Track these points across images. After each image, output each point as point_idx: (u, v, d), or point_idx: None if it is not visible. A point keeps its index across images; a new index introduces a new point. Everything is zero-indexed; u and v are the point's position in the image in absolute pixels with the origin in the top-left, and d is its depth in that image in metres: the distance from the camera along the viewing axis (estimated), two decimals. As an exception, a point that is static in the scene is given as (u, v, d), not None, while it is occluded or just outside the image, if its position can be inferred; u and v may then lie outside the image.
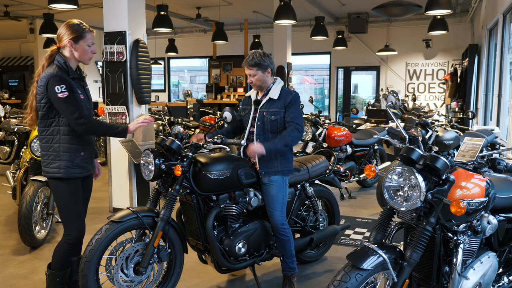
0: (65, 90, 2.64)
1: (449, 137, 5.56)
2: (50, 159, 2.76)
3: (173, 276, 2.99)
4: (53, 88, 2.64)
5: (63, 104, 2.65)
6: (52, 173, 2.76)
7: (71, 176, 2.77)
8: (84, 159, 2.82)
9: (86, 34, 2.77)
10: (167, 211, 2.82)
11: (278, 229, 3.10)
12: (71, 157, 2.75)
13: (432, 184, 2.20)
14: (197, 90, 18.18)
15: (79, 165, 2.79)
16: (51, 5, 6.93)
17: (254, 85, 3.14)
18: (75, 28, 2.75)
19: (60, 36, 2.77)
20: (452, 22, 11.41)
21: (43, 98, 2.70)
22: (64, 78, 2.68)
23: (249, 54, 3.13)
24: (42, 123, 2.77)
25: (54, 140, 2.75)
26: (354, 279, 2.09)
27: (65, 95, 2.64)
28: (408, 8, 6.66)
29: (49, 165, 2.77)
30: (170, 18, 9.26)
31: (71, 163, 2.76)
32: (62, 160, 2.74)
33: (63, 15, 11.93)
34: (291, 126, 3.03)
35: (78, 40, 2.75)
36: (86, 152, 2.84)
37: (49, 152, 2.76)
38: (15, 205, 5.03)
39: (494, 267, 2.45)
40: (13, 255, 3.96)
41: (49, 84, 2.65)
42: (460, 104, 10.03)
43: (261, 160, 3.07)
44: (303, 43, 13.19)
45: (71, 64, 2.78)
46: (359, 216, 5.21)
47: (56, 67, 2.70)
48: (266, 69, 3.09)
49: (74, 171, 2.77)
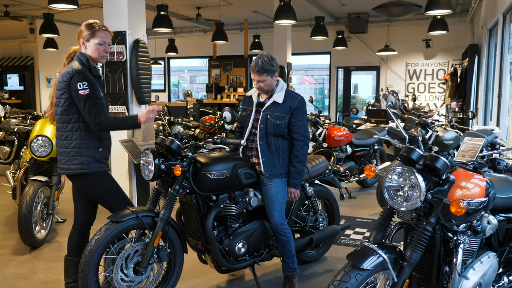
0: (86, 87, 2.69)
1: (449, 137, 5.56)
2: (71, 155, 2.80)
3: (173, 276, 2.99)
4: (75, 84, 2.69)
5: (83, 101, 2.70)
6: (75, 169, 2.80)
7: (94, 171, 2.83)
8: (102, 154, 2.88)
9: (97, 32, 2.83)
10: (167, 211, 2.82)
11: (278, 229, 3.10)
12: (91, 152, 2.81)
13: (432, 184, 2.20)
14: (197, 90, 18.18)
15: (100, 160, 2.86)
16: (51, 5, 6.93)
17: (262, 90, 3.09)
18: (88, 27, 2.83)
19: (78, 36, 2.87)
20: (452, 22, 11.41)
21: (63, 93, 2.75)
22: (87, 75, 2.74)
23: (256, 60, 3.03)
24: (61, 119, 2.81)
25: (74, 136, 2.79)
26: (354, 279, 2.08)
27: (86, 93, 2.69)
28: (408, 8, 6.66)
29: (69, 162, 2.80)
30: (170, 18, 9.26)
31: (92, 158, 2.81)
32: (84, 155, 2.79)
33: (63, 15, 11.94)
34: (300, 143, 3.06)
35: (89, 38, 2.82)
36: (104, 148, 2.90)
37: (69, 148, 2.80)
38: (15, 205, 5.03)
39: (494, 267, 2.45)
40: (13, 255, 3.96)
41: (72, 79, 2.70)
42: (460, 104, 10.04)
43: (265, 164, 3.07)
44: (303, 43, 13.18)
45: (92, 62, 2.86)
46: (359, 216, 5.21)
47: (79, 64, 2.77)
48: (275, 73, 3.06)
49: (96, 165, 2.83)
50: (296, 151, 3.07)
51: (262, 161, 3.06)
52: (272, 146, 3.06)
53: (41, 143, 4.24)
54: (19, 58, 13.88)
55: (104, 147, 2.89)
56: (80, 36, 2.85)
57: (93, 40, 2.82)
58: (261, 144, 3.06)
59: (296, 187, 3.12)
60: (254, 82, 3.09)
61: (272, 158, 3.07)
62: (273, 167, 3.07)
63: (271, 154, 3.07)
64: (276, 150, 3.07)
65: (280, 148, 3.08)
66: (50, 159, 4.35)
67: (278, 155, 3.08)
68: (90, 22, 2.86)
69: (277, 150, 3.07)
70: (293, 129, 3.05)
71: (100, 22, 2.89)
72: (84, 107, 2.70)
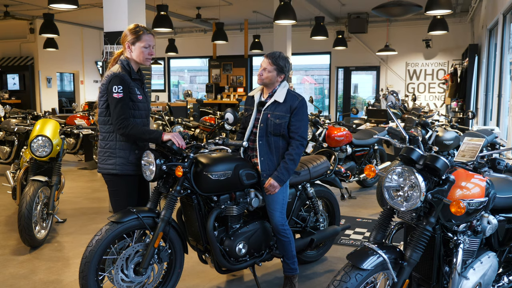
0: (121, 91, 2.77)
1: (449, 137, 5.56)
2: (106, 155, 2.88)
3: (173, 276, 2.99)
4: (111, 87, 2.78)
5: (114, 104, 2.77)
6: (108, 169, 2.88)
7: (126, 173, 2.88)
8: (138, 157, 2.92)
9: (142, 36, 2.90)
10: (168, 212, 2.82)
11: (278, 230, 3.10)
12: (126, 154, 2.87)
13: (432, 184, 2.21)
14: (197, 90, 18.19)
15: (134, 162, 2.90)
16: (51, 5, 6.93)
17: (261, 79, 3.09)
18: (132, 31, 2.90)
19: (122, 40, 2.94)
20: (452, 22, 11.42)
21: (103, 96, 2.85)
22: (124, 79, 2.81)
23: (275, 51, 3.10)
24: (101, 120, 2.90)
25: (111, 137, 2.87)
26: (354, 279, 2.09)
27: (119, 96, 2.77)
28: (408, 8, 6.67)
29: (104, 161, 2.89)
30: (170, 18, 9.26)
31: (126, 160, 2.87)
32: (117, 157, 2.87)
33: (63, 15, 11.94)
34: (296, 142, 3.03)
35: (134, 42, 2.89)
36: (140, 150, 2.93)
37: (105, 148, 2.89)
38: (15, 205, 5.03)
39: (494, 267, 2.46)
40: (13, 255, 3.96)
41: (111, 82, 2.79)
42: (460, 104, 10.04)
43: (263, 163, 3.06)
44: (303, 43, 13.19)
45: (133, 65, 2.93)
46: (359, 216, 5.21)
47: (120, 67, 2.86)
48: (282, 73, 3.07)
49: (128, 168, 2.89)
50: (291, 149, 3.05)
51: (261, 161, 3.05)
52: (272, 145, 3.06)
53: (41, 143, 4.25)
54: (19, 58, 13.88)
55: (140, 149, 2.94)
56: (124, 40, 2.91)
57: (138, 44, 2.89)
58: (261, 143, 3.06)
59: (279, 182, 3.00)
60: (260, 69, 3.10)
61: (272, 158, 3.06)
62: (272, 167, 3.06)
63: (271, 153, 3.06)
64: (276, 149, 3.07)
65: (281, 148, 3.07)
66: (50, 159, 4.35)
67: (278, 155, 3.07)
68: (134, 26, 2.92)
69: (277, 150, 3.07)
70: (291, 129, 3.04)
71: (143, 25, 2.95)
72: (114, 110, 2.78)
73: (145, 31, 2.92)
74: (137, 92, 2.89)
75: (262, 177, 3.07)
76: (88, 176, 7.42)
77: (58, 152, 4.39)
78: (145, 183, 3.09)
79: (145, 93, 3.03)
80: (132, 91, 2.85)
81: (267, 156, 3.06)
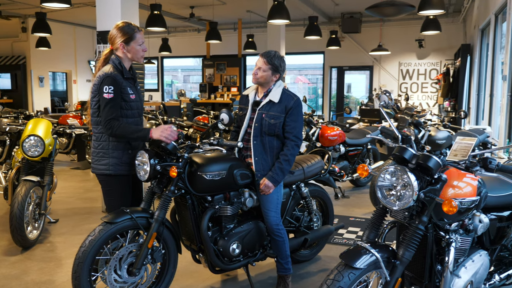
0: (111, 92, 2.76)
1: (442, 136, 5.59)
2: (99, 156, 2.88)
3: (166, 276, 2.98)
4: (102, 87, 2.77)
5: (104, 104, 2.77)
6: (102, 169, 2.88)
7: (120, 173, 2.88)
8: (132, 157, 2.90)
9: (136, 34, 2.89)
10: (162, 212, 2.81)
11: (273, 230, 3.10)
12: (119, 154, 2.87)
13: (425, 183, 2.22)
14: (190, 89, 18.15)
15: (127, 162, 2.89)
16: (44, 4, 6.88)
17: (256, 78, 3.08)
18: (125, 30, 2.88)
19: (112, 39, 2.90)
20: (445, 22, 11.49)
21: (95, 96, 2.83)
22: (116, 79, 2.79)
23: (271, 50, 3.09)
24: (93, 120, 2.89)
25: (104, 138, 2.86)
26: (347, 278, 2.09)
27: (109, 97, 2.76)
28: (401, 8, 6.71)
29: (98, 162, 2.88)
30: (163, 18, 9.23)
31: (119, 160, 2.87)
32: (111, 157, 2.86)
33: (56, 14, 11.86)
34: (291, 143, 3.03)
35: (129, 41, 2.88)
36: (134, 150, 2.92)
37: (98, 149, 2.88)
38: (7, 205, 4.99)
39: (485, 266, 2.48)
40: (4, 256, 3.93)
41: (102, 82, 2.78)
42: (453, 103, 10.11)
43: (257, 163, 3.06)
44: (297, 43, 13.21)
45: (125, 64, 2.91)
46: (352, 215, 5.23)
47: (112, 67, 2.83)
48: (277, 73, 3.07)
49: (122, 168, 2.88)
50: (286, 149, 3.05)
51: (255, 161, 3.05)
52: (266, 145, 3.06)
53: (33, 143, 4.21)
54: (11, 57, 13.76)
55: (134, 149, 2.92)
56: (115, 39, 2.87)
57: (133, 43, 2.88)
58: (255, 143, 3.05)
59: (274, 182, 3.00)
60: (255, 68, 3.09)
61: (266, 158, 3.06)
62: (266, 167, 3.06)
63: (265, 153, 3.06)
64: (271, 149, 3.06)
65: (275, 148, 3.07)
66: (42, 159, 4.32)
67: (272, 155, 3.07)
68: (126, 25, 2.89)
69: (271, 150, 3.07)
70: (286, 129, 3.04)
71: (133, 23, 2.94)
72: (103, 110, 2.77)
73: (137, 29, 2.91)
74: (129, 92, 2.87)
75: (257, 177, 3.07)
76: (80, 176, 7.37)
77: (51, 152, 4.36)
78: (139, 183, 3.08)
79: (138, 91, 3.01)
80: (125, 91, 2.83)
81: (262, 156, 3.06)
